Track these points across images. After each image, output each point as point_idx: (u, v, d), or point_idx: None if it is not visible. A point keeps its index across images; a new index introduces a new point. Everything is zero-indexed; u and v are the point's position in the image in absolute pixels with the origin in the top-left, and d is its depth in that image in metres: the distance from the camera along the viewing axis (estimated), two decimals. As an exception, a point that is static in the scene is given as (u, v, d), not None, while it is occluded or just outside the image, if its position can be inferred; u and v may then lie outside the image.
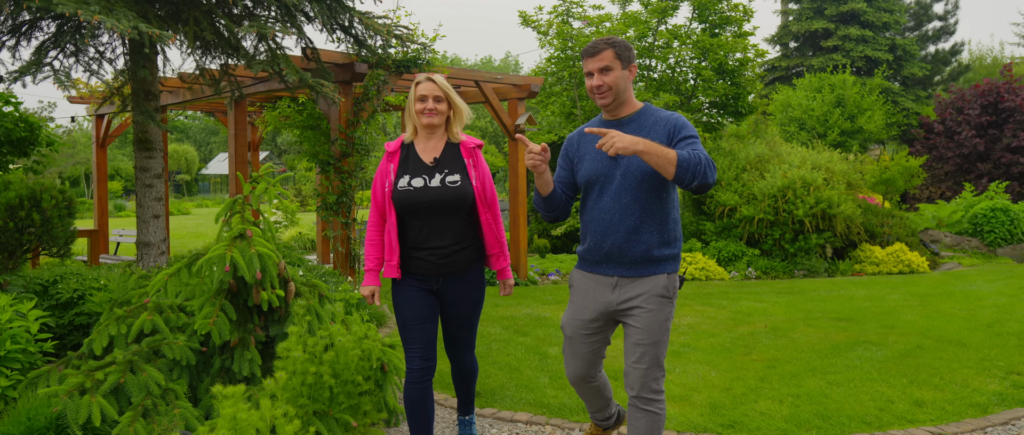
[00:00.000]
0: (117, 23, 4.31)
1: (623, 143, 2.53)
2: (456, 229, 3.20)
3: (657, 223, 2.82)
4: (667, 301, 2.84)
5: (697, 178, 2.59)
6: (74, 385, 3.43)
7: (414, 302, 3.23)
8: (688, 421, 4.18)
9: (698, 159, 2.60)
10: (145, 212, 6.25)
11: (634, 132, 2.80)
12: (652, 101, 12.70)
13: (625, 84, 2.84)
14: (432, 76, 3.23)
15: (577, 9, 13.26)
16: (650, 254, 2.81)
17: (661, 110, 2.88)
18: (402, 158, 3.27)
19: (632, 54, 2.86)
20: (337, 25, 6.36)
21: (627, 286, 2.86)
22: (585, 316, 2.97)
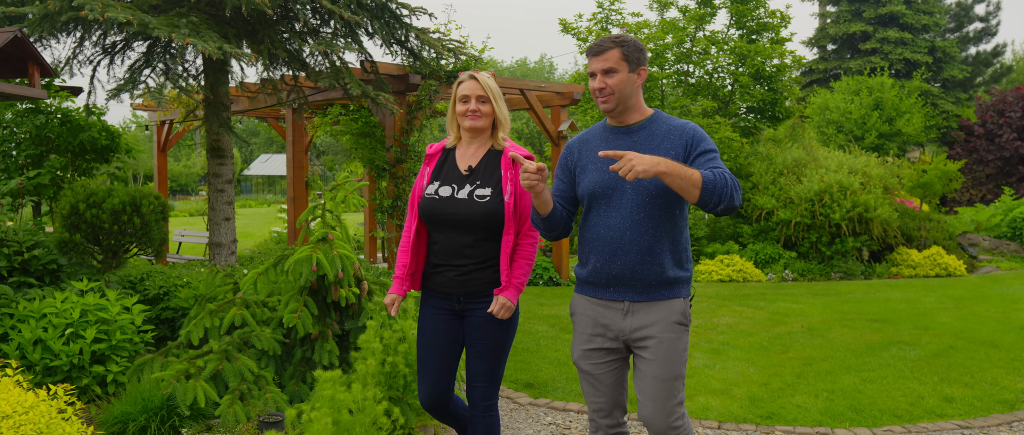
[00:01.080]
0: (205, 45, 4.76)
1: (643, 166, 2.23)
2: (483, 247, 2.85)
3: (671, 242, 2.54)
4: (684, 329, 2.57)
5: (723, 201, 2.33)
6: (180, 371, 3.87)
7: (435, 327, 2.96)
8: (728, 412, 4.50)
9: (724, 180, 2.33)
10: (217, 215, 6.73)
11: (644, 141, 2.54)
12: (689, 106, 12.96)
13: (631, 89, 2.54)
14: (475, 74, 2.90)
15: (616, 16, 13.58)
16: (665, 276, 2.53)
17: (673, 118, 2.60)
18: (439, 162, 3.00)
19: (643, 55, 2.57)
20: (394, 40, 6.78)
21: (640, 313, 2.55)
22: (599, 344, 2.63)
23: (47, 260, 4.46)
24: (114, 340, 4.12)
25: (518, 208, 2.85)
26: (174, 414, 3.71)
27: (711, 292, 9.25)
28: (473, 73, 2.91)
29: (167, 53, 5.20)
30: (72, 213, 4.73)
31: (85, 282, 4.34)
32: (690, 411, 4.52)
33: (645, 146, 2.52)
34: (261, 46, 5.74)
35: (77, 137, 6.14)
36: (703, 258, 11.22)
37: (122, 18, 4.39)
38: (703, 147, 2.49)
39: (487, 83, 2.89)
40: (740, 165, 12.31)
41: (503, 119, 2.93)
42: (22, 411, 2.82)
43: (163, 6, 5.39)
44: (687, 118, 12.34)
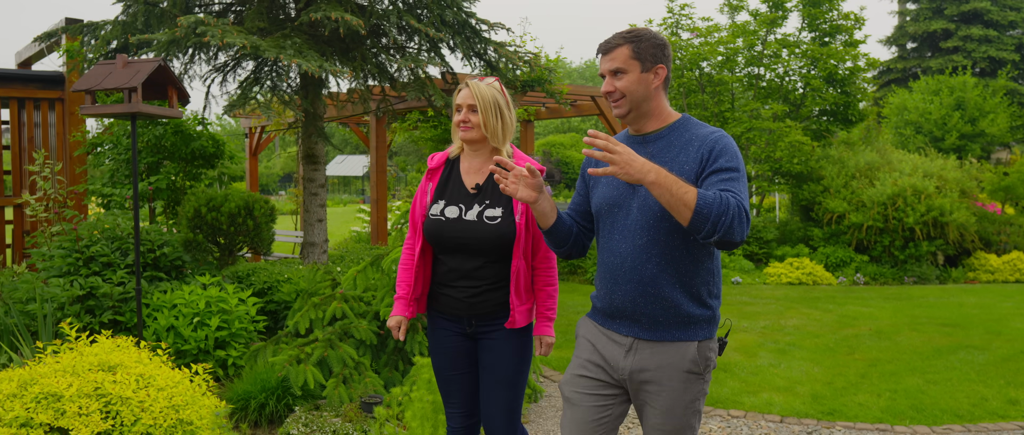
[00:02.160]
0: (308, 64, 5.29)
1: (633, 170, 1.93)
2: (494, 267, 2.63)
3: (683, 274, 2.17)
4: (696, 378, 2.19)
5: (718, 231, 1.94)
6: (291, 357, 4.38)
7: (447, 349, 2.77)
8: (791, 408, 4.75)
9: (725, 206, 1.93)
10: (311, 217, 7.31)
11: (660, 152, 2.19)
12: (760, 110, 13.01)
13: (645, 91, 2.19)
14: (470, 81, 2.66)
15: (686, 21, 13.74)
16: (677, 313, 2.17)
17: (704, 125, 2.23)
18: (443, 178, 2.75)
19: (661, 52, 2.20)
20: (474, 53, 7.21)
21: (645, 352, 2.21)
22: (593, 374, 2.30)
23: (174, 257, 5.06)
24: (233, 328, 4.67)
25: (531, 229, 2.64)
26: (287, 394, 4.21)
27: (780, 294, 9.37)
28: (470, 80, 2.67)
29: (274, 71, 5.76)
30: (195, 216, 5.34)
31: (207, 276, 4.91)
32: (753, 406, 4.79)
33: (659, 159, 2.16)
34: (355, 63, 6.25)
35: (189, 146, 6.80)
36: (772, 260, 11.31)
37: (239, 42, 4.95)
38: (722, 163, 2.09)
39: (479, 92, 2.62)
40: (811, 168, 12.32)
41: (493, 132, 2.62)
42: (172, 385, 3.34)
43: (269, 28, 5.96)
44: (757, 122, 12.42)
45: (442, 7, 6.55)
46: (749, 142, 12.81)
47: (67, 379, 3.13)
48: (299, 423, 3.91)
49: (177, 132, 6.82)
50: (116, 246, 4.86)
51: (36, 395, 3.06)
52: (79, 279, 4.62)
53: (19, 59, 9.40)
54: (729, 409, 4.72)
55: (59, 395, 3.07)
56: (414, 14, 6.55)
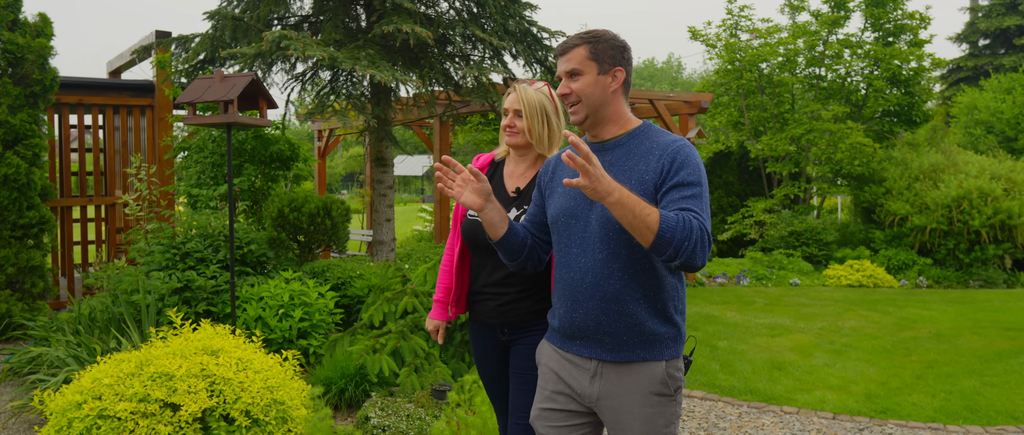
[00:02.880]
0: (382, 74, 5.64)
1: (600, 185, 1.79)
2: (527, 276, 2.54)
3: (648, 288, 2.04)
4: (668, 400, 2.06)
5: (681, 256, 1.83)
6: (367, 347, 4.73)
7: (485, 355, 2.74)
8: (844, 406, 4.88)
9: (688, 231, 1.83)
10: (380, 216, 7.70)
11: (618, 161, 2.06)
12: (820, 112, 12.94)
13: (602, 94, 2.06)
14: (519, 86, 2.60)
15: (745, 22, 13.74)
16: (641, 331, 2.04)
17: (665, 133, 2.08)
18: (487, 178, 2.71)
19: (620, 54, 2.08)
20: (535, 59, 7.49)
21: (611, 376, 2.07)
22: (561, 405, 2.16)
23: (259, 254, 5.49)
24: (314, 320, 5.06)
25: None
26: (364, 380, 4.57)
27: (838, 297, 9.38)
28: (518, 85, 2.60)
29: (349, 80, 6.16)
30: (279, 215, 5.77)
31: (289, 272, 5.32)
32: (806, 403, 4.94)
33: (617, 168, 2.05)
34: (423, 71, 6.60)
35: (268, 150, 7.26)
36: (832, 263, 11.26)
37: (319, 55, 5.33)
38: (682, 177, 1.96)
39: (526, 97, 2.56)
40: (873, 170, 12.21)
41: (538, 138, 2.56)
42: (266, 368, 3.71)
43: (343, 40, 6.36)
44: (817, 124, 12.37)
45: (505, 16, 6.85)
46: (809, 143, 12.76)
47: (177, 361, 3.53)
48: (376, 407, 4.25)
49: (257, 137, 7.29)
50: (208, 243, 5.31)
51: (152, 374, 3.46)
52: (177, 273, 5.08)
53: (110, 68, 10.08)
54: (782, 405, 4.89)
55: (171, 374, 3.47)
56: (478, 24, 6.87)
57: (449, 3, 6.97)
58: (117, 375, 3.49)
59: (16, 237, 6.28)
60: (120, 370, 3.52)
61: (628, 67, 2.09)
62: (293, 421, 3.71)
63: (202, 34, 6.45)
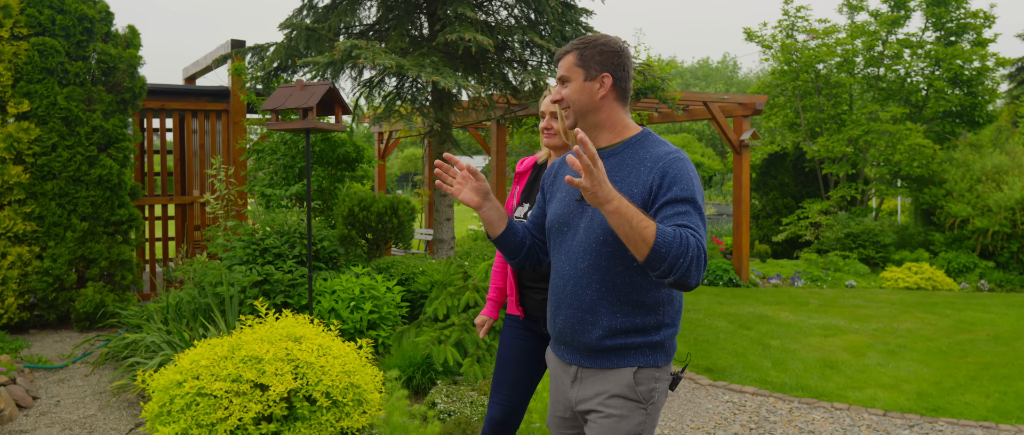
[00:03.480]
0: (445, 80, 5.94)
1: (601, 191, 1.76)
2: None
3: (625, 302, 2.02)
4: (635, 406, 2.03)
5: (675, 273, 1.78)
6: (432, 338, 5.04)
7: (516, 342, 2.81)
8: (895, 403, 4.98)
9: (684, 247, 1.78)
10: (440, 216, 8.02)
11: (612, 170, 2.03)
12: (878, 113, 12.81)
13: (589, 100, 2.04)
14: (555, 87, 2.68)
15: (802, 22, 13.68)
16: (614, 340, 2.03)
17: (662, 144, 2.04)
18: (529, 182, 2.83)
19: (609, 59, 2.03)
20: (591, 64, 7.71)
21: (587, 381, 2.09)
22: (557, 411, 2.23)
23: (331, 250, 5.85)
24: (382, 312, 5.38)
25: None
26: (430, 369, 4.87)
27: (895, 299, 9.33)
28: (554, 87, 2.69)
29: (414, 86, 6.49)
30: (349, 214, 6.13)
31: (359, 267, 5.66)
32: (857, 400, 5.05)
33: (611, 177, 2.01)
34: (483, 76, 6.89)
35: (336, 152, 7.64)
36: (890, 265, 11.17)
37: (387, 63, 5.66)
38: (676, 193, 1.91)
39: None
40: (933, 172, 12.04)
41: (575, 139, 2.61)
42: (344, 355, 4.03)
43: (408, 48, 6.69)
44: (875, 125, 12.26)
45: (562, 23, 7.08)
46: (867, 145, 12.65)
47: (265, 346, 3.87)
48: (442, 394, 4.54)
49: (325, 140, 7.69)
50: (284, 240, 5.69)
51: (243, 357, 3.81)
52: (256, 267, 5.47)
53: (186, 74, 10.68)
54: (833, 402, 5.01)
55: (259, 358, 3.81)
56: (536, 30, 7.12)
57: (508, 11, 7.24)
58: (212, 358, 3.85)
59: (108, 233, 6.79)
60: (214, 353, 3.89)
61: (619, 72, 2.04)
62: (368, 403, 4.02)
63: (277, 44, 6.87)
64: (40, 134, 6.37)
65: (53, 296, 6.49)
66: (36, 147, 6.36)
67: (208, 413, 3.65)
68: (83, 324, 6.58)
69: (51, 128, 6.41)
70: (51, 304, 6.52)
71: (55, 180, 6.47)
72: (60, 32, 6.51)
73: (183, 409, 3.71)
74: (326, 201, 7.16)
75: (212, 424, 3.65)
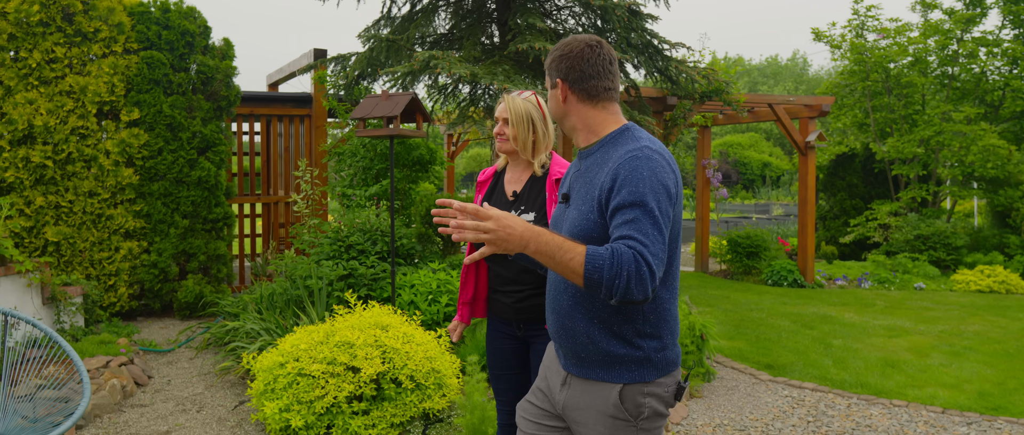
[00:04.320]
0: (514, 87, 6.29)
1: (510, 243, 1.71)
2: (535, 274, 2.73)
3: (600, 309, 1.93)
4: (624, 425, 1.94)
5: (615, 294, 1.69)
6: (504, 329, 5.40)
7: (499, 349, 2.91)
8: (954, 402, 5.09)
9: (617, 268, 1.67)
10: (509, 216, 8.38)
11: (587, 170, 1.99)
12: (950, 113, 12.59)
13: (556, 107, 2.05)
14: (507, 95, 2.81)
15: (872, 22, 13.53)
16: (595, 350, 1.94)
17: (633, 140, 1.93)
18: (490, 189, 2.95)
19: (559, 64, 2.01)
20: (655, 69, 7.95)
21: (576, 389, 2.01)
22: (539, 402, 2.16)
23: (409, 247, 6.28)
24: (457, 306, 5.77)
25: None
26: (502, 359, 5.22)
27: (965, 301, 9.25)
28: (506, 95, 2.82)
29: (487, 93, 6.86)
30: (427, 213, 6.53)
31: (436, 263, 6.07)
32: (916, 398, 5.18)
33: (583, 179, 2.00)
34: (550, 82, 7.23)
35: (411, 155, 8.08)
36: (961, 267, 11.01)
37: (462, 72, 6.05)
38: (623, 198, 1.80)
39: (513, 106, 2.77)
40: (1008, 173, 11.79)
41: (523, 144, 2.76)
42: (426, 342, 4.42)
43: (480, 57, 7.07)
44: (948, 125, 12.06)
45: (628, 30, 7.34)
46: (939, 146, 12.45)
47: (355, 333, 4.29)
48: (513, 381, 4.89)
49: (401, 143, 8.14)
50: (367, 237, 6.14)
51: (337, 342, 4.24)
52: (342, 262, 5.93)
53: (269, 81, 11.34)
54: (892, 399, 5.15)
55: (351, 343, 4.23)
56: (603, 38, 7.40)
57: (575, 20, 7.55)
58: (310, 342, 4.29)
59: (206, 230, 7.40)
60: (311, 339, 4.33)
61: (572, 75, 1.99)
62: (447, 387, 4.41)
63: (359, 54, 7.34)
64: (148, 139, 7.00)
65: (158, 287, 7.12)
66: (144, 151, 6.99)
67: (307, 391, 4.09)
68: (184, 313, 7.19)
69: (157, 134, 7.03)
70: (156, 294, 7.16)
71: (161, 181, 7.09)
72: (165, 46, 7.13)
73: (285, 387, 4.16)
74: (403, 201, 7.60)
75: (310, 401, 4.09)
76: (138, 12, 7.08)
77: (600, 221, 1.87)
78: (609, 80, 2.01)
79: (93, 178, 6.81)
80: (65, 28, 6.68)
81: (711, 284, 10.45)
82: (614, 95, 2.02)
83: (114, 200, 6.94)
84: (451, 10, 7.73)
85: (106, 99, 6.81)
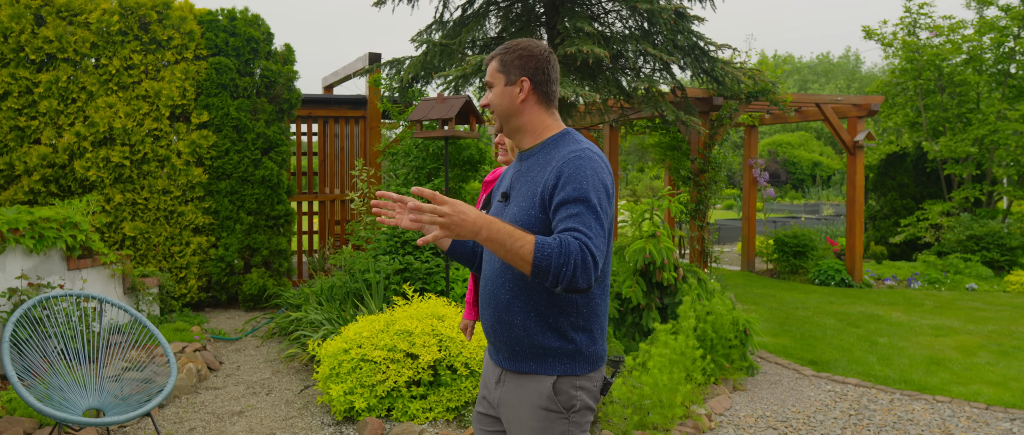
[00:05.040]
0: (564, 90, 6.51)
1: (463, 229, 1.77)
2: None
3: (538, 302, 1.98)
4: (556, 417, 2.00)
5: (561, 282, 1.77)
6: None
7: None
8: (999, 398, 5.14)
9: (565, 256, 1.76)
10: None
11: (527, 171, 2.05)
12: (1006, 111, 12.38)
13: (510, 104, 2.05)
14: None
15: (925, 19, 13.36)
16: (531, 343, 1.99)
17: (574, 143, 2.01)
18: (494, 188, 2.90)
19: (527, 63, 2.04)
20: (702, 70, 8.08)
21: (509, 384, 2.07)
22: (484, 409, 2.21)
23: (461, 243, 6.57)
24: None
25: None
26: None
27: (1018, 303, 9.14)
28: None
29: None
30: (478, 211, 6.82)
31: (486, 259, 6.34)
32: (960, 394, 5.24)
33: (523, 180, 2.05)
34: (598, 84, 7.42)
35: (462, 155, 8.36)
36: (1016, 268, 10.84)
37: (513, 75, 6.31)
38: (567, 194, 1.89)
39: None
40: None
41: None
42: (479, 333, 4.67)
43: (531, 59, 7.32)
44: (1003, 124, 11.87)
45: (674, 32, 7.50)
46: (994, 145, 12.26)
47: (413, 322, 4.57)
48: (562, 371, 5.12)
49: (453, 143, 8.42)
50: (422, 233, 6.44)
51: (397, 330, 4.52)
52: (398, 257, 6.23)
53: (325, 83, 11.76)
54: (935, 395, 5.22)
55: (410, 331, 4.51)
56: (650, 40, 7.57)
57: (623, 23, 7.73)
58: (372, 331, 4.59)
59: (268, 226, 7.79)
60: (373, 327, 4.63)
61: (538, 76, 2.05)
62: (499, 375, 4.65)
63: (413, 58, 7.64)
64: (216, 140, 7.41)
65: (224, 279, 7.53)
66: (213, 151, 7.41)
67: (370, 376, 4.38)
68: (248, 304, 7.60)
69: (224, 135, 7.45)
70: (223, 286, 7.58)
71: (227, 180, 7.51)
72: (232, 52, 7.54)
73: (349, 372, 4.46)
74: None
75: (373, 385, 4.38)
76: (207, 20, 7.51)
77: (542, 216, 1.94)
78: (558, 87, 2.12)
79: (166, 177, 7.25)
80: (141, 36, 7.14)
81: (757, 283, 10.51)
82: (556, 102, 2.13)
83: (185, 197, 7.37)
84: (501, 14, 7.99)
85: (178, 103, 7.24)
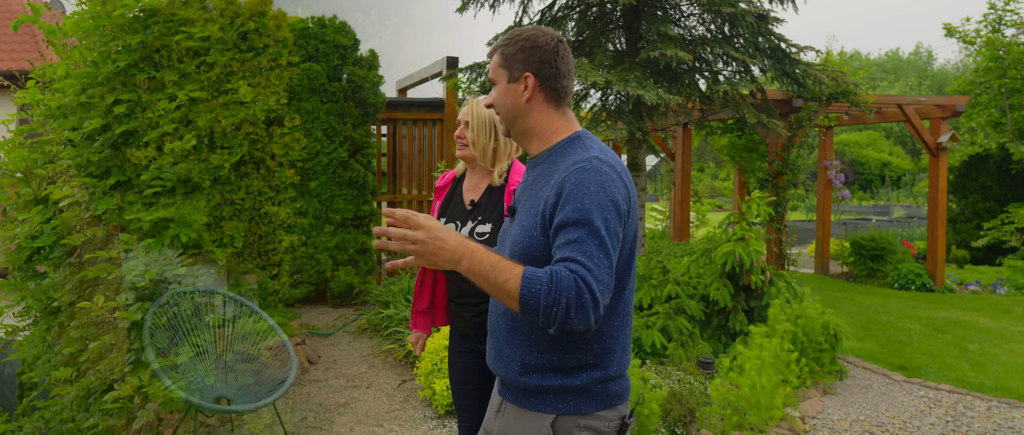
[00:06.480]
0: (648, 94, 6.58)
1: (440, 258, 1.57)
2: None
3: (538, 336, 1.77)
4: None
5: (554, 322, 1.54)
6: (640, 324, 5.71)
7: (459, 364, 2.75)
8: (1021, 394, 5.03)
9: (557, 292, 1.53)
10: (633, 215, 8.68)
11: (535, 181, 1.82)
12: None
13: (514, 104, 1.82)
14: (471, 100, 2.66)
15: (1011, 16, 12.95)
16: (529, 379, 1.80)
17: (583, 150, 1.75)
18: (448, 195, 2.79)
19: (531, 56, 1.79)
20: (783, 73, 8.04)
21: (509, 416, 1.87)
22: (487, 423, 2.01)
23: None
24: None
25: None
26: (640, 350, 5.54)
27: (1114, 310, 8.83)
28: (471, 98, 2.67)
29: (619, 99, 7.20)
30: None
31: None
32: (987, 389, 5.16)
33: (530, 192, 1.83)
34: (679, 86, 7.47)
35: (540, 156, 8.51)
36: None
37: (598, 79, 6.40)
38: (566, 214, 1.63)
39: (476, 110, 2.62)
40: None
41: (482, 151, 2.61)
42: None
43: (612, 64, 7.40)
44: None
45: (755, 34, 7.49)
46: (1085, 146, 11.80)
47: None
48: (651, 371, 5.20)
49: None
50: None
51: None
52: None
53: (399, 86, 12.06)
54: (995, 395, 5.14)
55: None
56: (730, 43, 7.58)
57: (705, 27, 7.75)
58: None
59: (355, 225, 8.07)
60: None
61: (545, 70, 1.79)
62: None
63: (495, 62, 7.84)
64: (307, 143, 7.72)
65: (314, 276, 7.84)
66: (303, 154, 7.72)
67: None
68: (335, 301, 7.89)
69: (315, 138, 7.75)
70: (313, 283, 7.88)
71: (317, 180, 7.81)
72: (322, 58, 7.84)
73: (450, 368, 4.64)
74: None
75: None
76: (299, 28, 7.82)
77: (543, 239, 1.70)
78: (572, 82, 1.86)
79: (260, 178, 7.59)
80: (240, 45, 7.49)
81: (833, 286, 10.37)
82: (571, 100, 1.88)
83: (277, 198, 7.70)
84: (578, 18, 8.10)
85: (273, 107, 7.57)
